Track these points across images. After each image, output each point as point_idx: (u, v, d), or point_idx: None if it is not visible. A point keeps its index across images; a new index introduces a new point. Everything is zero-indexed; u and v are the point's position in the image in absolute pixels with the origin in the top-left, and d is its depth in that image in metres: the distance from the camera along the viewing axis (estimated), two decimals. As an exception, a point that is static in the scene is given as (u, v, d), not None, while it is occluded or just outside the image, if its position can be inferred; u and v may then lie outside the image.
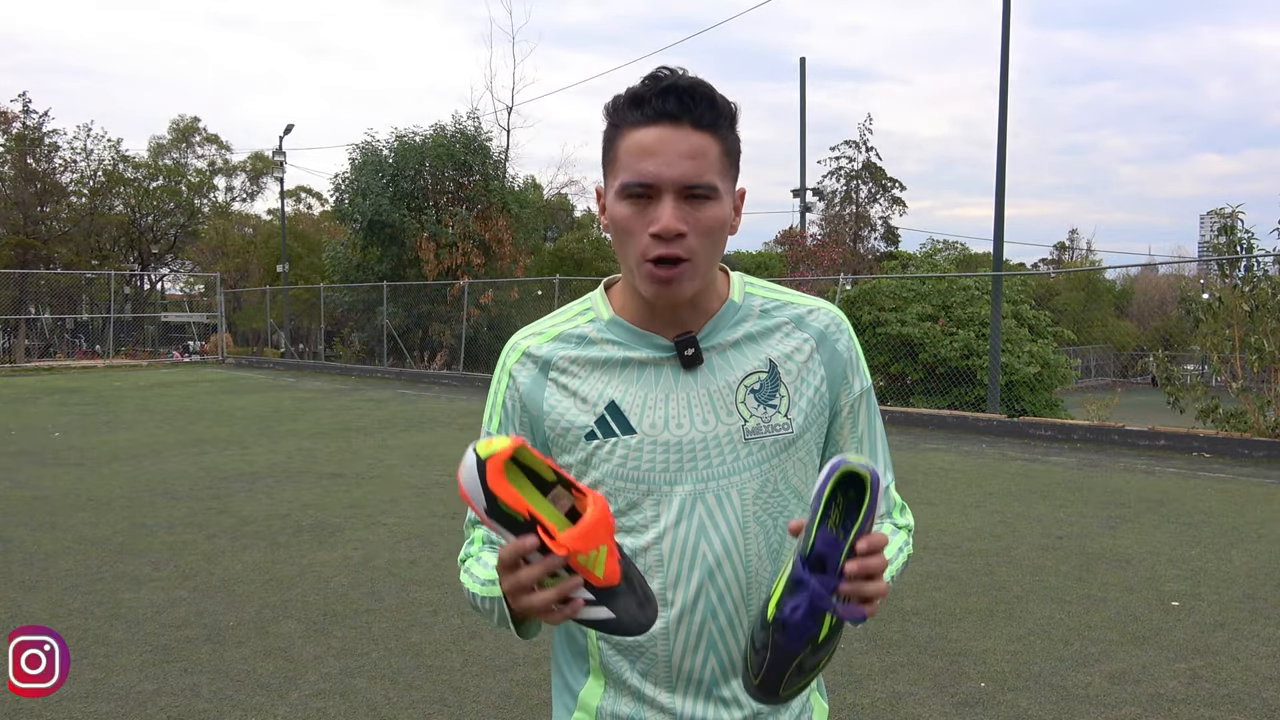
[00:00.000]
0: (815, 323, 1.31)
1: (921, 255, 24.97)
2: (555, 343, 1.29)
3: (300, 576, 5.21)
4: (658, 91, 1.16)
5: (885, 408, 13.05)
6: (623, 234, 1.19)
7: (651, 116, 1.16)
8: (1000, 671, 3.90)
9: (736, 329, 1.27)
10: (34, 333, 30.52)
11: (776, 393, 1.25)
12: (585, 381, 1.26)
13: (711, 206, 1.17)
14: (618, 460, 1.23)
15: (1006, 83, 13.16)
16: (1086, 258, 49.74)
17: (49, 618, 4.54)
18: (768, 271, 28.95)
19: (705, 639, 1.23)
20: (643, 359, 1.25)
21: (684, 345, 1.24)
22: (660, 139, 1.15)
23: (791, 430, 1.25)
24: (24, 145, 30.74)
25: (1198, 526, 6.43)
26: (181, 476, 8.22)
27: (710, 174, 1.16)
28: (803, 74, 21.06)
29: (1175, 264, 35.64)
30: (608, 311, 1.29)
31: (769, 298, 1.32)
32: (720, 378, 1.25)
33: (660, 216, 1.15)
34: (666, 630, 1.23)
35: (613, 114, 1.21)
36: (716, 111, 1.18)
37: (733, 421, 1.24)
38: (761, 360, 1.26)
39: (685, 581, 1.23)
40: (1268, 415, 10.13)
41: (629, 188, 1.17)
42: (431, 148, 22.52)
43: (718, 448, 1.23)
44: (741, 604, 1.24)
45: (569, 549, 1.03)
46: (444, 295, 21.55)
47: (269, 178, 39.43)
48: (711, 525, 1.23)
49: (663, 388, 1.24)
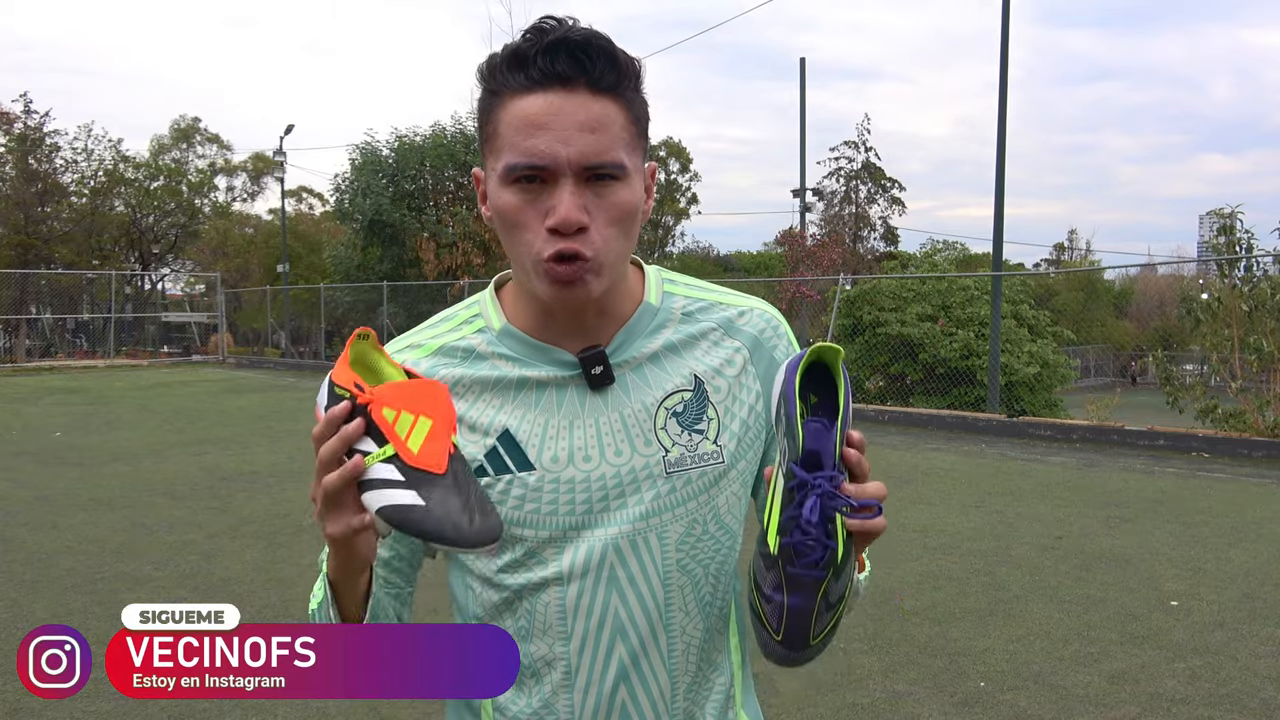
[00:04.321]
0: (748, 327, 1.10)
1: (921, 255, 25.00)
2: (435, 358, 1.07)
3: (300, 576, 5.21)
4: (544, 47, 0.93)
5: (885, 408, 13.06)
6: (511, 228, 0.97)
7: (539, 80, 0.93)
8: (1000, 671, 3.90)
9: (654, 338, 1.06)
10: (35, 333, 30.52)
11: (703, 415, 1.05)
12: (473, 405, 1.04)
13: (619, 189, 0.96)
14: (513, 502, 1.02)
15: (1006, 82, 13.18)
16: (1085, 258, 49.75)
17: (49, 617, 4.55)
18: (768, 271, 28.95)
19: (616, 709, 1.03)
20: (542, 378, 1.04)
21: (590, 362, 1.02)
22: (551, 108, 0.93)
23: (722, 459, 1.05)
24: (25, 145, 30.74)
25: (1197, 526, 6.43)
26: (181, 476, 8.23)
27: (616, 149, 0.95)
28: (802, 74, 21.08)
29: (1175, 264, 35.64)
30: (499, 319, 1.07)
31: (693, 298, 1.10)
32: (635, 399, 1.04)
33: (557, 207, 0.93)
34: (571, 702, 1.03)
35: (489, 78, 0.97)
36: (619, 70, 0.95)
37: (651, 452, 1.03)
38: (685, 376, 1.05)
39: (593, 644, 1.02)
40: (1267, 415, 10.13)
41: (515, 170, 0.94)
42: (431, 148, 22.54)
43: (633, 484, 1.02)
44: (662, 671, 1.04)
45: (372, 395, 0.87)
46: (444, 295, 21.54)
47: (269, 178, 39.56)
48: (625, 577, 1.02)
49: (566, 413, 1.03)
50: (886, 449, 9.93)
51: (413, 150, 22.54)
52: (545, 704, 1.05)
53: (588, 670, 1.03)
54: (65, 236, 32.30)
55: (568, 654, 1.03)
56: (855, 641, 4.20)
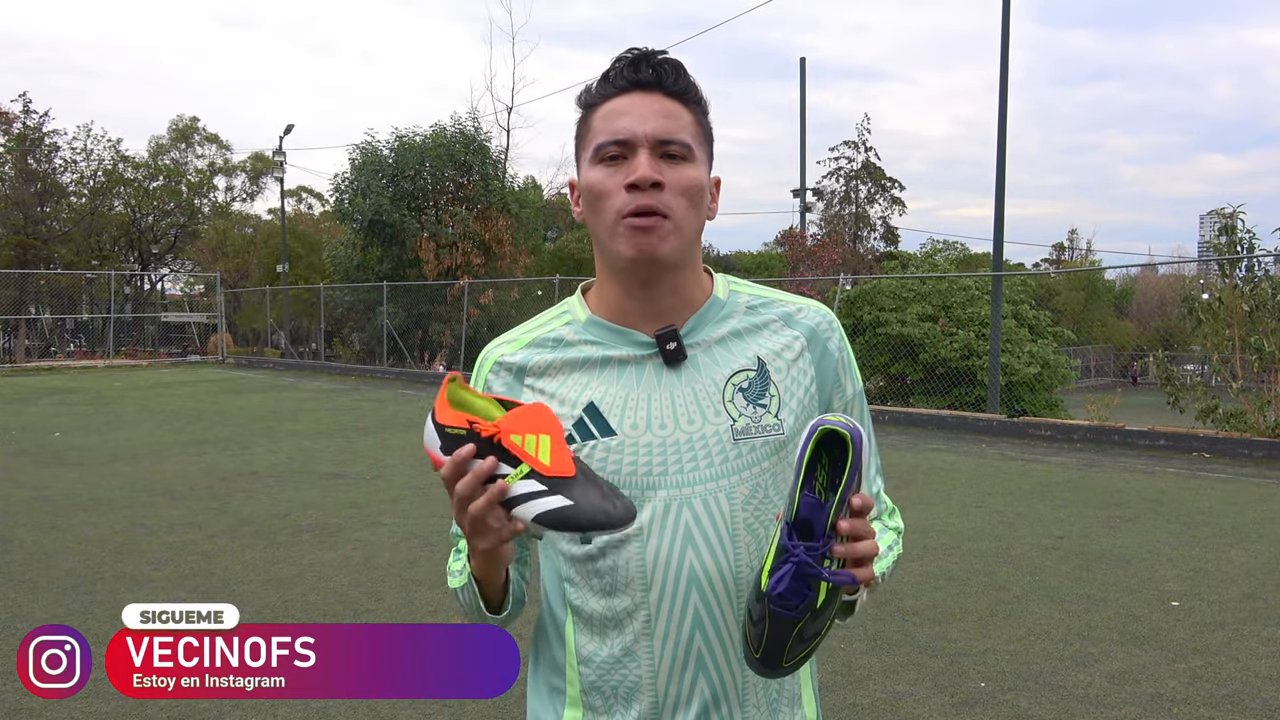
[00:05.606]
0: (805, 320, 1.24)
1: (921, 255, 24.98)
2: (529, 349, 1.22)
3: (300, 576, 5.21)
4: (629, 63, 1.15)
5: (885, 408, 13.06)
6: (597, 198, 1.15)
7: (623, 86, 1.15)
8: (1000, 671, 3.90)
9: (722, 325, 1.21)
10: (34, 333, 30.53)
11: (766, 392, 1.18)
12: (563, 384, 1.19)
13: (688, 167, 1.14)
14: (597, 464, 1.14)
15: (1006, 82, 13.17)
16: (1086, 258, 49.73)
17: (49, 618, 4.54)
18: (768, 271, 28.96)
19: (694, 659, 1.14)
20: (623, 357, 1.18)
21: (665, 339, 1.17)
22: (632, 102, 1.14)
23: (783, 432, 1.17)
24: (24, 145, 30.74)
25: (1198, 526, 6.43)
26: (181, 476, 8.22)
27: (685, 134, 1.14)
28: (803, 74, 21.06)
29: (1175, 264, 35.64)
30: (584, 313, 1.23)
31: (755, 294, 1.26)
32: (706, 375, 1.17)
33: (636, 167, 1.11)
34: (651, 648, 1.14)
35: (585, 98, 1.19)
36: (688, 82, 1.16)
37: (720, 421, 1.15)
38: (749, 357, 1.19)
39: (670, 595, 1.13)
40: (1267, 415, 10.13)
41: (602, 148, 1.13)
42: (431, 148, 22.54)
43: (704, 449, 1.15)
44: (732, 620, 1.15)
45: (498, 427, 0.98)
46: (444, 295, 21.55)
47: (269, 178, 39.47)
48: (699, 532, 1.14)
49: (644, 387, 1.17)
50: (887, 449, 9.93)
51: (413, 150, 22.52)
52: (627, 650, 1.16)
53: (666, 619, 1.14)
54: (65, 236, 32.30)
55: (648, 604, 1.14)
56: (855, 641, 4.20)
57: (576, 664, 1.18)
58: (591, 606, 1.16)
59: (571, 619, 1.19)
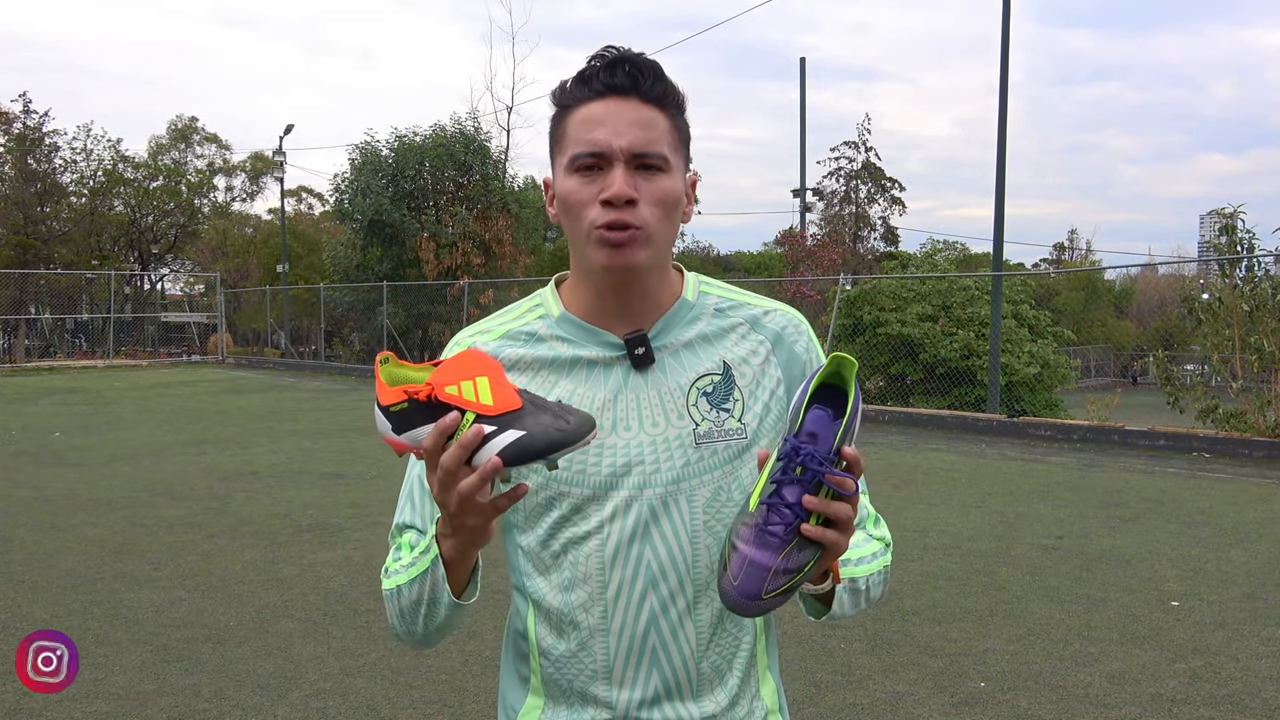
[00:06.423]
0: (772, 324, 1.26)
1: (921, 255, 24.96)
2: (502, 341, 1.24)
3: (300, 576, 5.21)
4: (605, 66, 1.14)
5: (885, 408, 13.05)
6: (571, 208, 1.15)
7: (600, 90, 1.13)
8: (1000, 671, 3.90)
9: (689, 328, 1.22)
10: (34, 333, 30.51)
11: (730, 396, 1.20)
12: (532, 381, 1.20)
13: (663, 178, 1.14)
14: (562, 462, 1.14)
15: (1006, 82, 13.17)
16: (1086, 258, 49.73)
17: (49, 618, 4.54)
18: (768, 271, 28.98)
19: (648, 653, 1.17)
20: (592, 358, 1.20)
21: (634, 344, 1.19)
22: (609, 109, 1.13)
23: (745, 435, 1.19)
24: (24, 145, 30.73)
25: (1198, 526, 6.43)
26: (181, 476, 8.22)
27: (661, 145, 1.13)
28: (802, 74, 21.07)
29: (1175, 264, 35.64)
30: (558, 307, 1.24)
31: (724, 297, 1.27)
32: (671, 379, 1.19)
33: (611, 183, 1.11)
34: (606, 644, 1.17)
35: (559, 96, 1.18)
36: (666, 87, 1.15)
37: (683, 425, 1.18)
38: (715, 362, 1.21)
39: (627, 592, 1.16)
40: (1268, 415, 10.13)
41: (578, 159, 1.13)
42: (431, 148, 22.53)
43: (667, 452, 1.17)
44: (688, 617, 1.17)
45: (430, 385, 0.96)
46: (444, 295, 21.54)
47: (269, 177, 39.49)
48: (657, 532, 1.16)
49: (611, 388, 1.19)
50: (887, 449, 9.93)
51: (412, 150, 22.52)
52: (582, 645, 1.18)
53: (622, 615, 1.16)
54: (64, 236, 32.28)
55: (604, 600, 1.17)
56: (855, 641, 4.20)
57: (538, 654, 1.22)
58: (550, 600, 1.19)
59: (533, 611, 1.22)
